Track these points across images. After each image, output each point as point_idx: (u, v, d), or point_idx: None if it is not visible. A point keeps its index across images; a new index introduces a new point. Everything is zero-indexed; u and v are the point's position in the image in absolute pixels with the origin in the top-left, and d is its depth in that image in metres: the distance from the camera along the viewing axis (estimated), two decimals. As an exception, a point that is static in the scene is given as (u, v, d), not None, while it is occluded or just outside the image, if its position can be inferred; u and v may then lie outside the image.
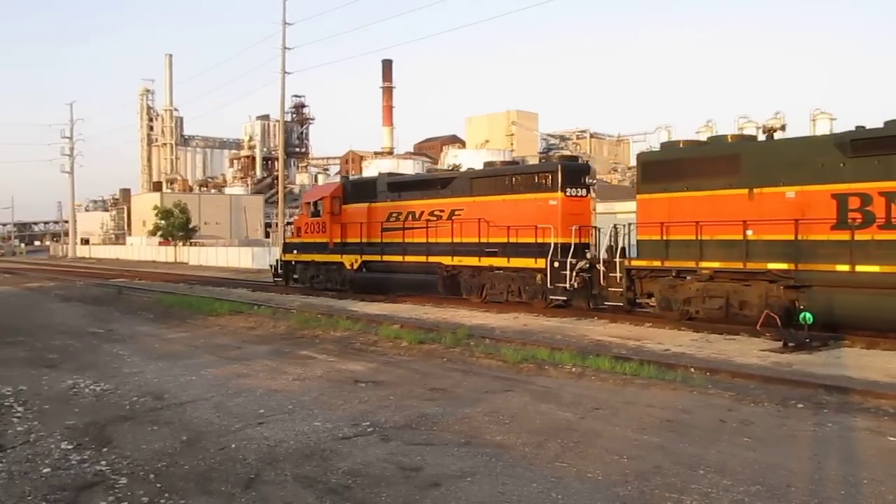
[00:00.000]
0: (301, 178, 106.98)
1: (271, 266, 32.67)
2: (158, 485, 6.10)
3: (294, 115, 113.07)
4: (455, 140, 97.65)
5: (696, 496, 5.73)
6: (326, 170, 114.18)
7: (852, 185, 14.18)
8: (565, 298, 19.54)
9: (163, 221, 74.06)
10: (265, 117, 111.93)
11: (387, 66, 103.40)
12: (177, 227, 73.30)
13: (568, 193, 20.11)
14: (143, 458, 6.84)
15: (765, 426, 7.86)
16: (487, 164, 24.66)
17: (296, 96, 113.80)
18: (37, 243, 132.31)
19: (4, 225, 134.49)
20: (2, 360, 12.65)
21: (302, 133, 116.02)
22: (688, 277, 16.80)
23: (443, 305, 21.56)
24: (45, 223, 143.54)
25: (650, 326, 16.39)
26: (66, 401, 9.43)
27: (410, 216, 24.18)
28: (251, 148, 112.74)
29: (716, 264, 16.10)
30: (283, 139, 54.77)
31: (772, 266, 15.14)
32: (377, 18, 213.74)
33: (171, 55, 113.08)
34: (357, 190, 27.10)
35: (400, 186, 25.65)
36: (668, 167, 17.45)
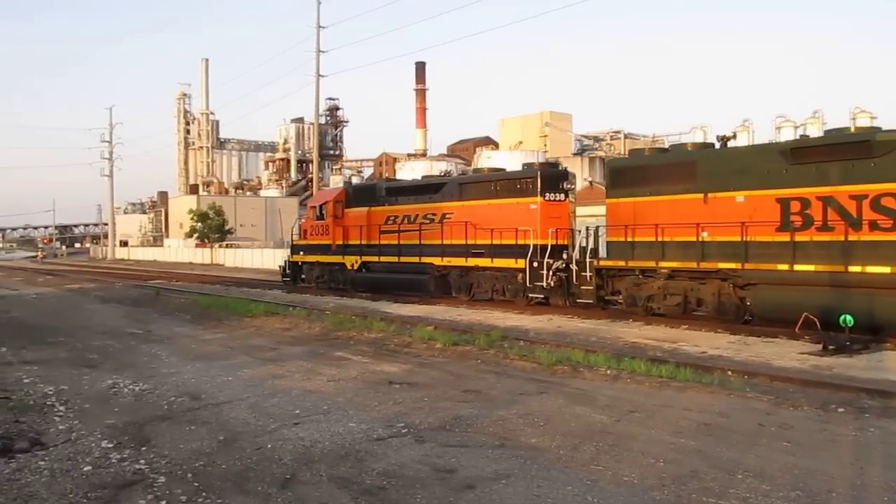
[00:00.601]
0: (335, 181, 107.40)
1: (280, 267, 34.06)
2: (196, 484, 6.17)
3: (328, 118, 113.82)
4: (488, 141, 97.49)
5: (735, 501, 5.66)
6: (360, 172, 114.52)
7: (793, 190, 15.37)
8: (544, 296, 20.85)
9: (199, 224, 75.09)
10: (300, 120, 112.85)
11: (420, 68, 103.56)
12: (213, 229, 74.27)
13: (547, 198, 21.35)
14: (181, 457, 6.92)
15: (805, 431, 7.74)
16: (476, 171, 26.52)
17: (330, 99, 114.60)
18: (77, 245, 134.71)
19: (46, 227, 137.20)
20: (44, 360, 12.89)
21: (336, 135, 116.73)
22: (650, 276, 18.09)
23: (476, 307, 21.55)
24: (86, 225, 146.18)
25: (686, 328, 16.21)
26: (106, 400, 9.58)
27: (406, 219, 25.71)
28: (286, 151, 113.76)
29: (674, 264, 17.38)
30: (317, 142, 55.18)
31: (722, 265, 16.37)
32: (410, 21, 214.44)
33: (207, 60, 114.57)
34: (359, 194, 28.76)
35: (397, 191, 27.23)
36: (633, 173, 18.93)
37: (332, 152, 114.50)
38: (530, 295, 21.06)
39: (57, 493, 5.99)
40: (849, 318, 13.09)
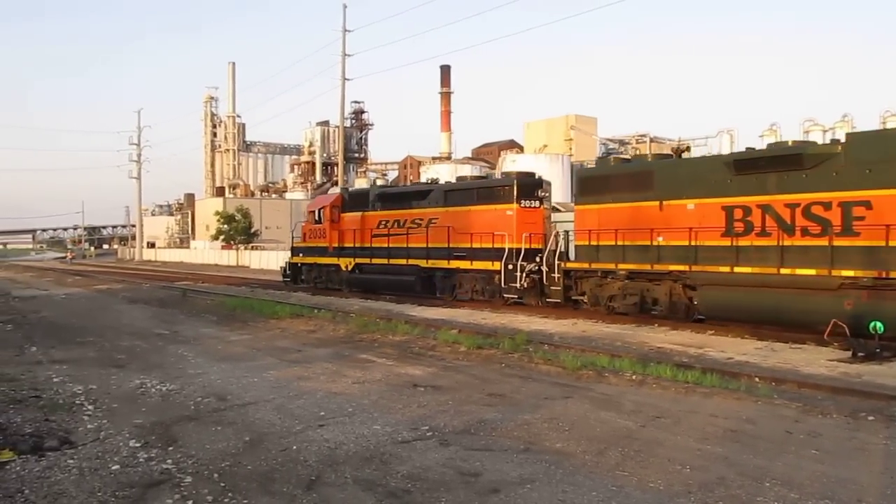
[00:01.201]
0: (360, 184, 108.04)
1: (281, 268, 35.51)
2: (222, 484, 6.22)
3: (353, 121, 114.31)
4: (513, 145, 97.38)
5: (763, 509, 5.60)
6: (385, 175, 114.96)
7: (736, 198, 16.73)
8: (518, 296, 22.31)
9: (225, 226, 75.63)
10: (325, 123, 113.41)
11: (445, 71, 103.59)
12: (239, 231, 74.78)
13: (522, 205, 22.91)
14: (208, 457, 6.98)
15: (834, 438, 7.64)
16: (460, 178, 28.81)
17: (355, 102, 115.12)
18: (105, 246, 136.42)
19: (75, 229, 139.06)
20: (73, 360, 13.05)
21: (361, 138, 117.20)
22: (611, 277, 19.61)
23: (500, 311, 21.52)
24: (114, 227, 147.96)
25: (712, 334, 16.07)
26: (134, 400, 9.68)
27: (395, 224, 27.46)
28: (311, 153, 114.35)
29: (631, 266, 18.92)
30: (342, 145, 55.44)
31: (673, 268, 17.82)
32: (436, 25, 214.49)
33: (233, 63, 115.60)
34: (353, 200, 30.45)
35: (388, 198, 28.92)
36: (598, 182, 20.42)
37: (357, 155, 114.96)
38: (506, 295, 22.45)
39: (86, 491, 6.06)
40: (879, 324, 12.94)
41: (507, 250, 22.26)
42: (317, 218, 31.60)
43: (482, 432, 7.88)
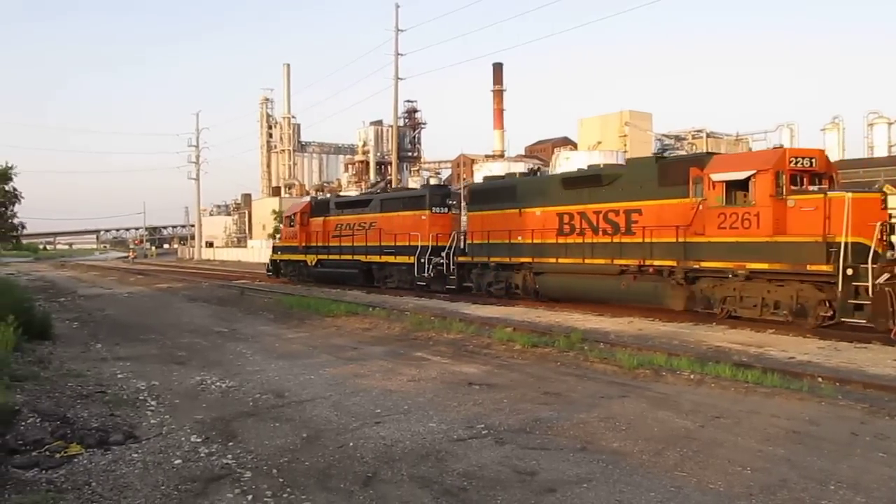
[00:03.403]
0: (413, 182, 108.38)
1: (265, 264, 42.98)
2: (281, 479, 6.30)
3: (406, 120, 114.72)
4: (566, 142, 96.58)
5: (827, 512, 5.46)
6: (438, 173, 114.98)
7: (565, 207, 22.22)
8: (426, 284, 27.76)
9: (281, 225, 76.56)
10: (378, 122, 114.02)
11: (497, 69, 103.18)
12: (295, 230, 75.53)
13: (433, 211, 28.57)
14: (267, 453, 7.08)
15: (902, 441, 7.40)
16: (395, 189, 36.80)
17: (408, 101, 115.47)
18: (165, 246, 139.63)
19: (137, 229, 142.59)
20: (136, 357, 13.39)
21: (414, 137, 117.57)
22: (487, 268, 25.45)
23: (555, 309, 21.41)
24: (173, 227, 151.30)
25: (772, 333, 15.73)
26: (195, 396, 9.88)
27: (346, 227, 33.39)
28: (365, 153, 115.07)
29: (497, 259, 24.75)
30: (396, 144, 55.72)
31: (523, 260, 23.61)
32: (488, 22, 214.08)
33: (288, 65, 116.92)
34: (318, 207, 36.85)
35: (342, 205, 35.33)
36: (482, 194, 26.35)
37: (410, 154, 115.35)
38: (417, 283, 28.04)
39: (150, 484, 6.20)
40: None
41: (419, 247, 27.94)
42: (291, 222, 38.02)
43: (538, 431, 7.85)
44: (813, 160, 16.88)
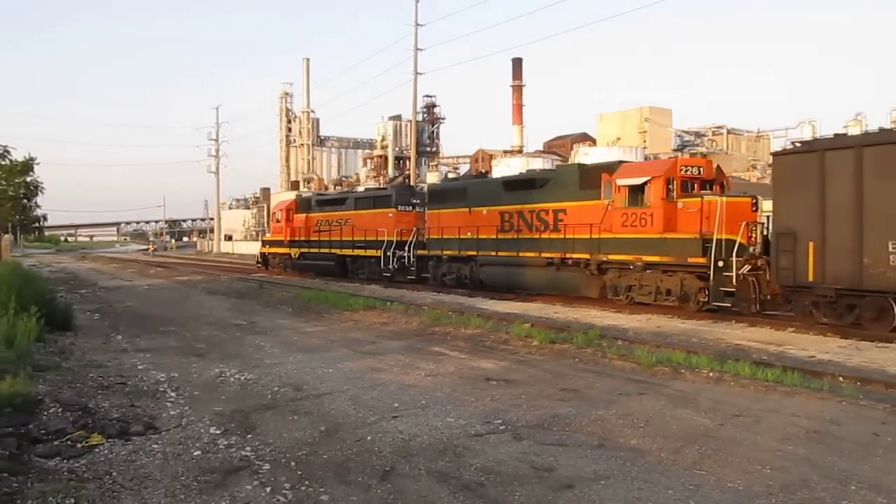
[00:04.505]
0: (431, 177, 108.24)
1: (255, 256, 47.46)
2: (299, 472, 6.33)
3: (425, 115, 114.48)
4: (585, 138, 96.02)
5: (848, 513, 5.41)
6: (456, 168, 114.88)
7: (505, 206, 25.13)
8: (389, 275, 30.93)
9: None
10: (397, 117, 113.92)
11: (516, 64, 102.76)
12: (313, 224, 75.75)
13: (399, 209, 31.84)
14: (285, 446, 7.12)
15: (924, 442, 7.32)
16: (367, 189, 41.04)
17: (427, 96, 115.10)
18: (185, 239, 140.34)
19: (157, 222, 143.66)
20: (156, 349, 13.49)
21: (433, 132, 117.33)
22: (440, 260, 28.59)
23: (573, 305, 21.36)
24: (193, 220, 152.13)
25: (793, 332, 15.61)
26: (214, 388, 9.95)
27: (326, 223, 36.59)
28: (384, 148, 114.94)
29: (449, 252, 27.89)
30: (414, 139, 55.79)
31: (469, 253, 26.65)
32: (507, 17, 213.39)
33: (308, 59, 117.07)
34: (302, 204, 40.20)
35: (323, 203, 38.80)
36: (439, 194, 29.85)
37: (429, 149, 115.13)
38: (384, 274, 31.23)
39: (169, 475, 6.26)
40: None
41: (385, 242, 31.06)
42: (277, 218, 41.70)
43: (556, 427, 7.84)
44: (700, 169, 19.84)
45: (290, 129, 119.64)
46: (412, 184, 48.38)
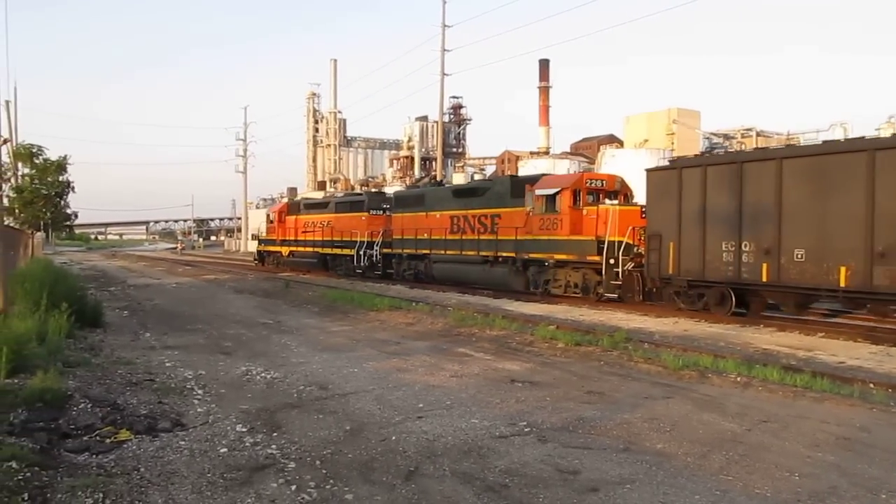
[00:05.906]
0: (457, 178, 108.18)
1: (253, 255, 52.86)
2: (324, 471, 6.36)
3: (452, 116, 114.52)
4: (612, 139, 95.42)
5: (878, 521, 5.33)
6: (483, 169, 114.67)
7: (455, 211, 28.76)
8: (361, 271, 34.88)
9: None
10: (424, 118, 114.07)
11: (543, 65, 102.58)
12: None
13: (371, 213, 35.59)
14: (310, 444, 7.15)
15: (957, 450, 7.19)
16: (350, 194, 47.03)
17: (453, 97, 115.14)
18: (213, 238, 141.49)
19: (185, 221, 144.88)
20: (184, 346, 13.63)
21: (459, 133, 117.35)
22: (401, 258, 32.51)
23: (598, 308, 21.23)
24: (220, 219, 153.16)
25: (822, 336, 15.40)
26: (240, 386, 10.02)
27: (311, 224, 40.71)
28: (410, 148, 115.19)
29: (408, 251, 31.82)
30: (441, 140, 55.76)
31: (425, 251, 30.41)
32: (535, 18, 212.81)
33: (335, 60, 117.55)
34: (292, 207, 44.97)
35: (309, 206, 43.11)
36: (403, 199, 33.44)
37: (455, 150, 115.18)
38: (357, 270, 35.02)
39: (196, 471, 6.31)
40: None
41: (358, 242, 35.00)
42: (271, 220, 46.25)
43: (581, 430, 7.80)
44: (603, 182, 23.63)
45: (317, 130, 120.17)
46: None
